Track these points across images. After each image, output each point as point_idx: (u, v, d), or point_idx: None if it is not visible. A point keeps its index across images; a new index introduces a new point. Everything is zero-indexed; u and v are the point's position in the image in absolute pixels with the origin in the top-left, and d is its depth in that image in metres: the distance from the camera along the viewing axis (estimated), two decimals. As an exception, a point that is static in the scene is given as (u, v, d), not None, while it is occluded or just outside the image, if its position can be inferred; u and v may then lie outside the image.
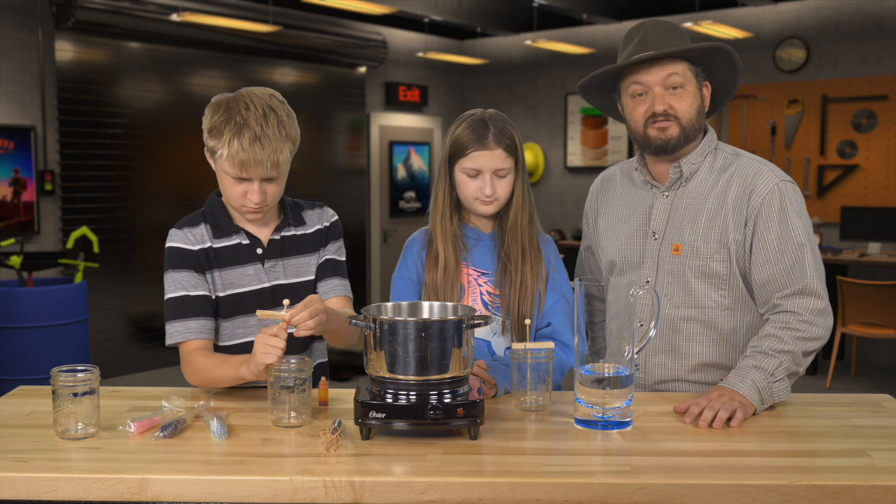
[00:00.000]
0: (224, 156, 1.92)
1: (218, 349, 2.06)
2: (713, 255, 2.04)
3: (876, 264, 6.42)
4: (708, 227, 2.05)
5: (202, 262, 2.03)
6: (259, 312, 1.80)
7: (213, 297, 2.04)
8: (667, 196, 2.13)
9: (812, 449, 1.64)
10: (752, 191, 2.03)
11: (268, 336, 1.75)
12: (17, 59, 6.05)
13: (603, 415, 1.71)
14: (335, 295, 2.11)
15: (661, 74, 2.06)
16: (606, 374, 1.73)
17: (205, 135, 1.96)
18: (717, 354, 2.08)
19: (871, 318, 5.95)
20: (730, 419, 1.77)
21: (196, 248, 2.03)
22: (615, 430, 1.70)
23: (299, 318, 1.76)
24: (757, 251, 2.02)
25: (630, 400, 1.73)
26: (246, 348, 2.05)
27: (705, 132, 2.15)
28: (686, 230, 2.08)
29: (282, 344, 1.75)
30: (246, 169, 1.92)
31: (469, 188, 2.08)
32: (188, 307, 2.00)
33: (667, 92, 2.06)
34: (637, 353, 1.78)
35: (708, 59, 2.10)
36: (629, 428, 1.72)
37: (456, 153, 2.08)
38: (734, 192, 2.05)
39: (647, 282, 2.10)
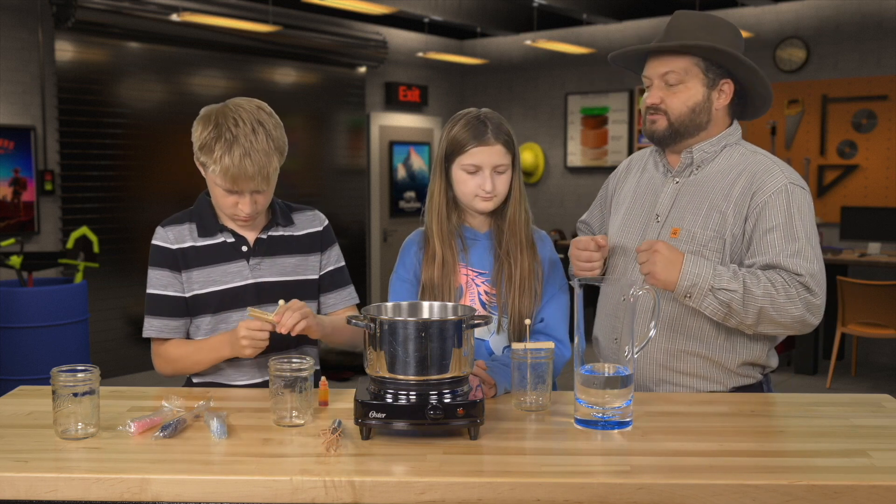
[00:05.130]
0: (216, 171, 1.95)
1: None
2: (707, 244, 2.04)
3: (876, 264, 6.42)
4: (707, 216, 2.06)
5: (178, 261, 2.07)
6: (250, 310, 1.92)
7: (190, 295, 2.07)
8: (676, 182, 2.15)
9: (812, 449, 1.63)
10: (757, 188, 2.04)
11: (252, 331, 1.90)
12: (17, 59, 6.05)
13: (603, 415, 1.71)
14: (345, 306, 2.20)
15: (659, 70, 2.09)
16: (606, 374, 1.74)
17: (195, 148, 1.99)
18: (695, 343, 2.08)
19: (871, 318, 5.95)
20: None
21: (174, 247, 2.07)
22: (615, 430, 1.70)
23: (286, 320, 1.89)
24: (756, 247, 2.02)
25: (630, 400, 1.73)
26: None
27: (731, 125, 2.16)
28: (687, 216, 2.09)
29: (264, 340, 1.92)
30: (237, 183, 1.96)
31: (468, 185, 2.07)
32: (161, 306, 2.08)
33: (663, 86, 2.08)
34: (637, 354, 1.79)
35: (726, 60, 2.08)
36: (629, 428, 1.72)
37: (454, 151, 2.08)
38: (740, 186, 2.06)
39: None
